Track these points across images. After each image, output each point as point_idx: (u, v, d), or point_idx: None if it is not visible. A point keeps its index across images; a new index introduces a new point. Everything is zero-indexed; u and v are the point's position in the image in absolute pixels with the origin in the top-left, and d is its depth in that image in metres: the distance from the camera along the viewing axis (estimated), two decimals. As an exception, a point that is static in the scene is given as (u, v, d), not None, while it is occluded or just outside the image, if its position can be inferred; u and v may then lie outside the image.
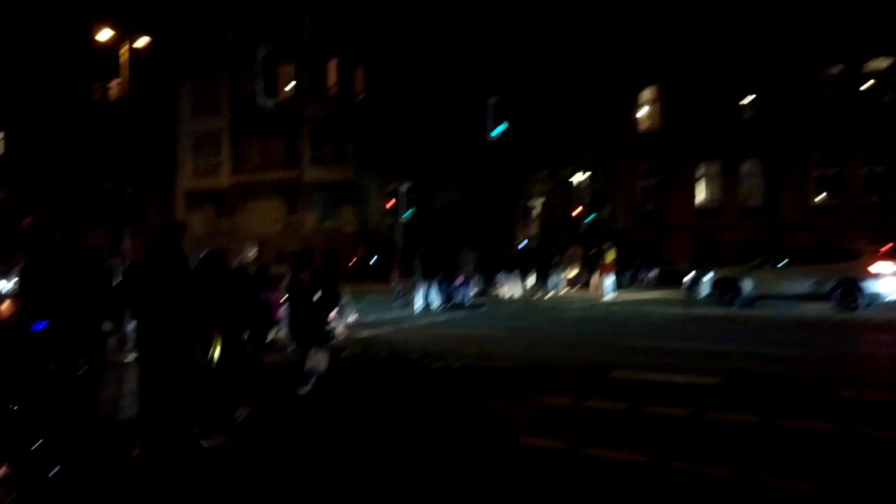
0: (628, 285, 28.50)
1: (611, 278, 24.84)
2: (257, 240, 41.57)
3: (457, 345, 14.88)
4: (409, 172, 36.27)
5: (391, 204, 25.21)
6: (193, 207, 46.51)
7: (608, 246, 25.87)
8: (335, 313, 12.89)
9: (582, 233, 32.89)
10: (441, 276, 21.54)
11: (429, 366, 12.31)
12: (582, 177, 35.93)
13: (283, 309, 11.04)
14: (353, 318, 15.25)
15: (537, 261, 26.73)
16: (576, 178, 40.11)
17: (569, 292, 26.90)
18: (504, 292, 25.67)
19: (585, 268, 29.14)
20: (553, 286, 26.77)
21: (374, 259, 23.99)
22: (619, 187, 37.63)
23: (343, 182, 42.01)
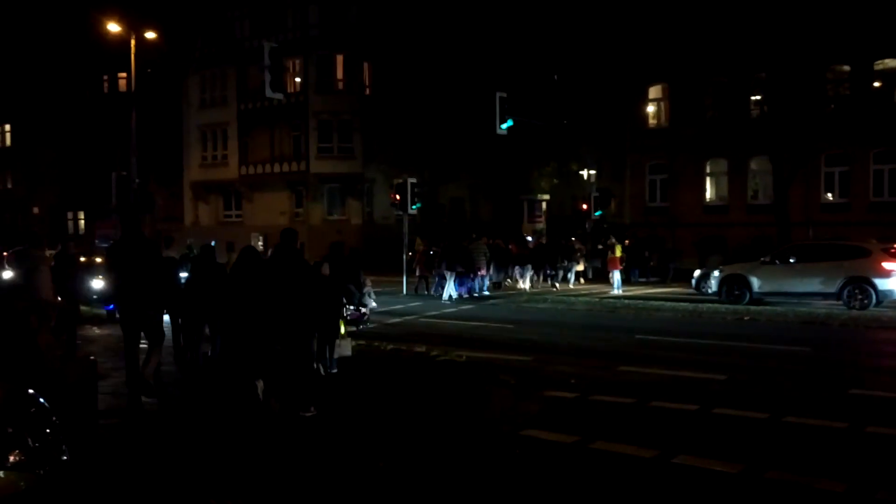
0: (639, 280, 28.52)
1: (618, 273, 24.86)
2: (264, 232, 41.70)
3: (464, 337, 14.87)
4: (416, 166, 36.26)
5: (398, 198, 25.12)
6: (201, 199, 46.58)
7: (615, 241, 25.87)
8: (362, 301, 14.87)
9: (589, 228, 32.81)
10: (463, 268, 22.67)
11: (435, 358, 12.28)
12: (589, 172, 35.85)
13: None
14: (373, 306, 16.15)
15: (550, 255, 26.91)
16: (583, 173, 40.05)
17: (578, 286, 26.92)
18: (519, 285, 25.98)
19: (592, 262, 29.23)
20: (565, 280, 26.87)
21: (432, 251, 24.68)
22: (627, 183, 37.53)
23: (350, 175, 41.99)
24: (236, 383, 8.69)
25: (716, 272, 21.51)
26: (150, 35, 27.96)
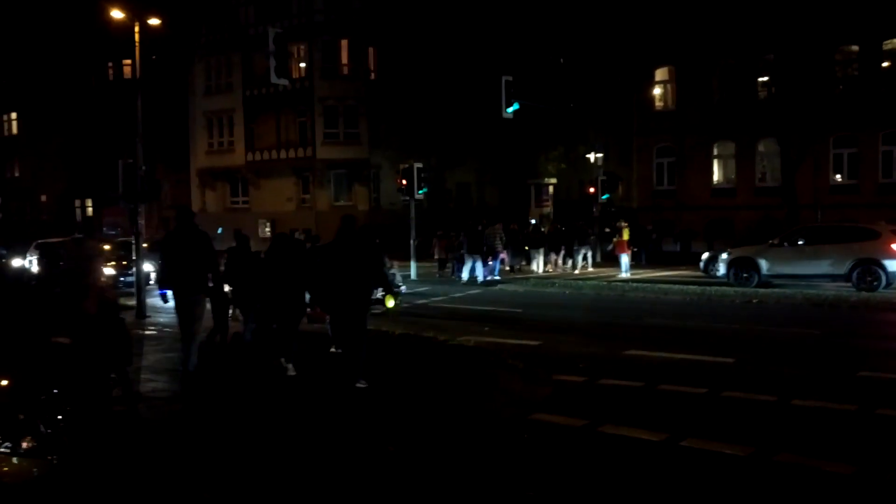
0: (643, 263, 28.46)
1: (626, 257, 24.82)
2: (271, 218, 41.73)
3: (472, 321, 14.90)
4: (422, 151, 36.17)
5: (404, 183, 25.07)
6: (208, 186, 46.59)
7: (624, 225, 25.80)
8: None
9: (597, 212, 32.73)
10: (483, 251, 23.39)
11: (444, 343, 12.29)
12: (596, 156, 35.70)
13: None
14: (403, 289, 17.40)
15: (566, 238, 27.08)
16: (590, 157, 39.90)
17: (584, 271, 26.88)
18: (533, 268, 26.26)
19: (604, 247, 29.18)
20: (578, 264, 27.01)
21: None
22: (634, 167, 37.39)
23: (356, 161, 41.91)
24: (266, 361, 9.61)
25: (724, 255, 21.44)
26: (154, 21, 27.79)
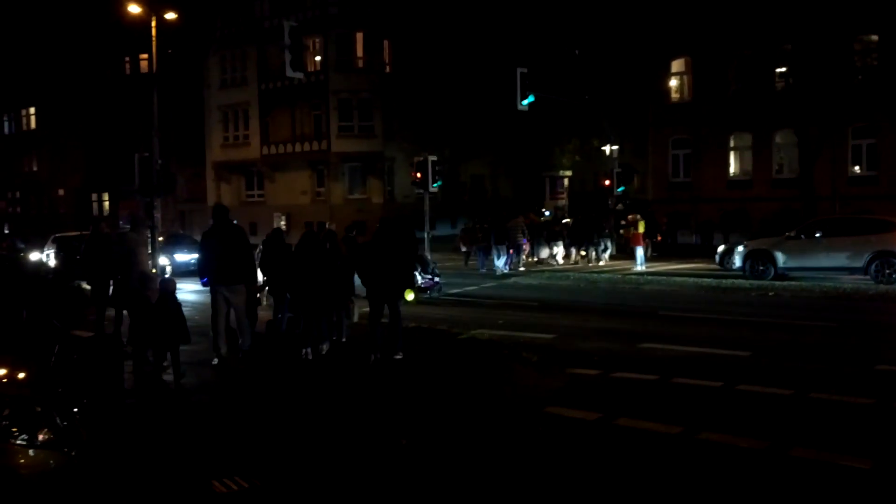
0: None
1: (641, 249, 24.71)
2: (286, 211, 41.85)
3: (486, 314, 14.89)
4: (437, 144, 36.13)
5: (418, 176, 25.04)
6: (223, 179, 46.79)
7: (639, 217, 25.68)
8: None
9: (613, 205, 32.62)
10: (508, 243, 24.04)
11: (457, 336, 12.30)
12: (611, 148, 35.56)
13: None
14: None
15: (587, 231, 27.24)
16: (605, 149, 39.73)
17: (604, 261, 26.87)
18: (554, 260, 26.59)
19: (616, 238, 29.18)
20: (602, 256, 27.14)
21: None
22: (650, 159, 37.20)
23: (370, 154, 41.95)
24: (301, 345, 10.60)
25: (740, 247, 21.30)
26: (170, 16, 27.93)
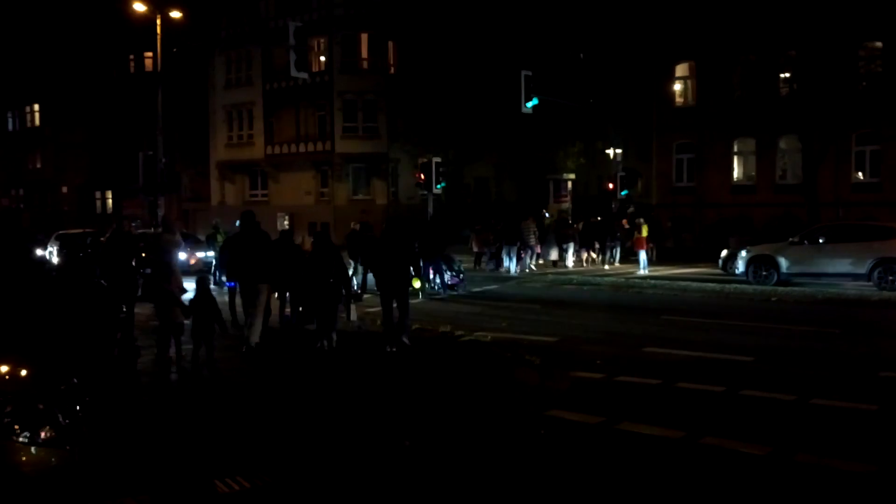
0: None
1: (644, 253, 24.71)
2: (290, 211, 41.85)
3: (488, 316, 14.88)
4: (441, 146, 36.13)
5: (423, 177, 25.07)
6: (227, 179, 46.79)
7: (642, 221, 25.66)
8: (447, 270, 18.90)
9: (616, 208, 32.59)
10: (519, 244, 24.45)
11: (460, 338, 12.29)
12: (615, 152, 35.55)
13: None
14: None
15: (598, 233, 27.42)
16: (609, 153, 39.74)
17: (613, 265, 26.84)
18: (563, 262, 26.62)
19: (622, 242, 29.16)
20: (612, 256, 27.22)
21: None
22: (654, 163, 37.18)
23: (374, 155, 41.94)
24: (314, 338, 11.15)
25: (743, 252, 21.28)
26: (175, 14, 27.99)
